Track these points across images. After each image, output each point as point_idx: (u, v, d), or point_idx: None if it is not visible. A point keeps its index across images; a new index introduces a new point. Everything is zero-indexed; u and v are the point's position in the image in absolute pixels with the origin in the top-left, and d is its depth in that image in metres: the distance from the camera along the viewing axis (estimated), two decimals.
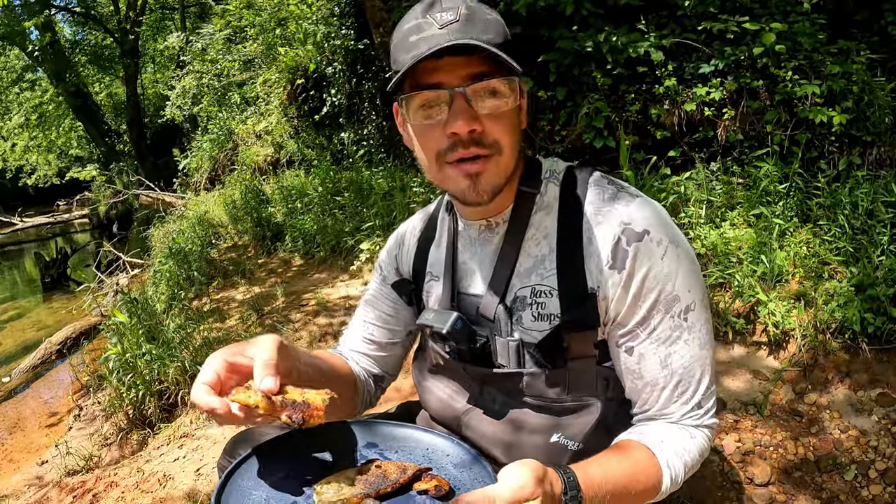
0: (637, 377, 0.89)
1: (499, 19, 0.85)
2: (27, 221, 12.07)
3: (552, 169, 0.96)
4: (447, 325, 0.94)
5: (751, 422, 2.03)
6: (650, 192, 3.14)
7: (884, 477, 1.78)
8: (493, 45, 0.80)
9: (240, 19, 6.87)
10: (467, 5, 0.82)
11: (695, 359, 0.88)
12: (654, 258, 0.85)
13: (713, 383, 0.91)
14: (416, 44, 0.81)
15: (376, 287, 1.17)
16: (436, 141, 0.85)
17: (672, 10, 3.59)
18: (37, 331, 5.87)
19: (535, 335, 0.91)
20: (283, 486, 0.79)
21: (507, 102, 0.83)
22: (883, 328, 2.09)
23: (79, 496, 2.33)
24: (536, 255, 0.92)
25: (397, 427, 0.90)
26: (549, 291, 0.90)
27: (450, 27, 0.80)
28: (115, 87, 16.66)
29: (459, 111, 0.81)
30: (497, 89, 0.82)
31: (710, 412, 0.91)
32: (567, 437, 0.93)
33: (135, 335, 3.18)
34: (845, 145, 2.98)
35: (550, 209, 0.93)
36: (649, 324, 0.87)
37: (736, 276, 2.46)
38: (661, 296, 0.86)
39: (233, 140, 8.18)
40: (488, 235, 0.97)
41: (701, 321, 0.88)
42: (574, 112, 3.77)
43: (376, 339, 1.15)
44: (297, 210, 5.30)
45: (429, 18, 0.81)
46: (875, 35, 3.23)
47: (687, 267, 0.87)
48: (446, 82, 0.81)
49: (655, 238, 0.85)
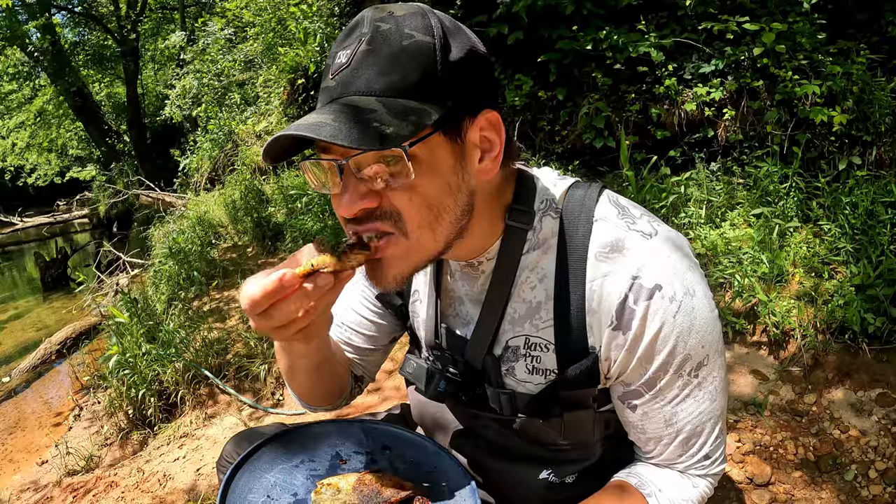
0: (640, 431, 0.84)
1: (425, 42, 0.65)
2: (27, 221, 12.07)
3: (549, 198, 0.81)
4: (430, 391, 0.87)
5: (751, 422, 2.03)
6: (650, 192, 3.14)
7: (884, 477, 1.78)
8: (393, 90, 0.63)
9: (240, 19, 6.88)
10: (374, 32, 0.65)
11: (704, 414, 0.80)
12: (665, 317, 0.74)
13: (724, 432, 0.84)
14: (320, 94, 0.69)
15: (357, 288, 1.02)
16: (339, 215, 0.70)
17: (672, 10, 3.59)
18: (37, 331, 5.87)
19: (530, 387, 0.84)
20: (293, 474, 0.81)
21: (407, 171, 0.64)
22: (883, 328, 2.09)
23: (79, 496, 2.33)
24: (531, 300, 0.81)
25: (417, 439, 0.92)
26: (544, 345, 0.81)
27: (339, 76, 0.65)
28: (116, 87, 16.66)
29: (346, 187, 0.66)
30: (382, 163, 0.64)
31: (718, 461, 0.84)
32: (556, 476, 0.90)
33: (135, 335, 3.18)
34: (845, 145, 2.98)
35: (548, 248, 0.80)
36: (655, 385, 0.78)
37: (736, 276, 2.46)
38: (670, 357, 0.76)
39: (233, 140, 8.18)
40: (472, 272, 0.85)
41: (713, 373, 0.79)
42: (574, 112, 3.77)
43: (354, 343, 1.04)
44: (297, 210, 5.30)
45: (333, 59, 0.68)
46: (875, 35, 3.23)
47: (702, 320, 0.76)
48: (335, 150, 0.66)
49: (668, 294, 0.74)
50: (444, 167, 0.67)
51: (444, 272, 0.90)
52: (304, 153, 0.74)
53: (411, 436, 0.93)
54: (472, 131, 0.69)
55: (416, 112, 0.63)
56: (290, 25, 6.33)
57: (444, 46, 0.66)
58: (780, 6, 3.29)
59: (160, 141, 14.14)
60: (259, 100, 8.12)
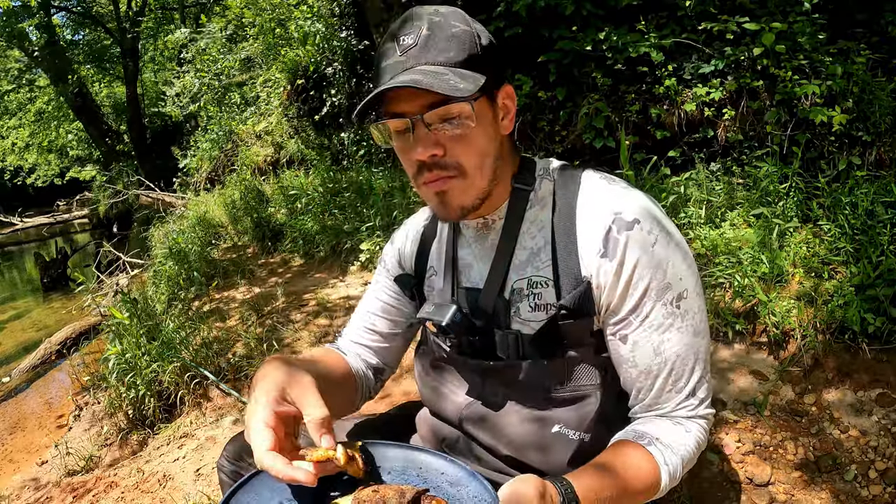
0: (631, 365, 0.91)
1: (466, 31, 0.85)
2: (27, 221, 12.08)
3: (546, 167, 0.99)
4: (446, 318, 0.96)
5: (751, 422, 2.03)
6: (650, 192, 3.14)
7: (884, 477, 1.78)
8: (453, 63, 0.83)
9: (240, 18, 6.88)
10: (430, 23, 0.84)
11: (688, 347, 0.89)
12: (644, 246, 0.87)
13: (708, 372, 0.92)
14: (382, 71, 0.85)
15: (379, 279, 1.19)
16: (409, 164, 0.90)
17: (672, 11, 3.60)
18: (37, 331, 5.88)
19: (533, 325, 0.94)
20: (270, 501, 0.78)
21: (468, 124, 0.85)
22: (883, 328, 2.09)
23: (79, 496, 2.33)
24: (532, 247, 0.95)
25: (388, 447, 0.87)
26: (545, 282, 0.93)
27: (409, 53, 0.83)
28: (116, 87, 16.66)
29: (419, 138, 0.85)
30: (454, 114, 0.84)
31: (705, 402, 0.92)
32: (568, 428, 0.94)
33: (135, 335, 3.18)
34: (845, 145, 2.98)
35: (545, 204, 0.96)
36: (641, 311, 0.88)
37: (736, 276, 2.46)
38: (652, 283, 0.87)
39: (233, 140, 8.18)
40: (485, 233, 0.99)
41: (694, 309, 0.90)
42: (574, 112, 3.77)
43: (378, 328, 1.16)
44: (297, 210, 5.30)
45: (394, 43, 0.85)
46: (875, 35, 3.23)
47: (679, 255, 0.89)
48: (407, 111, 0.84)
49: (646, 227, 0.87)
50: (486, 121, 0.88)
51: (458, 246, 1.05)
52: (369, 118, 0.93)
53: (389, 445, 0.88)
54: (499, 97, 0.90)
55: (473, 78, 0.83)
56: (290, 26, 6.34)
57: (477, 35, 0.86)
58: (780, 6, 3.29)
59: (160, 141, 14.14)
60: (259, 100, 8.13)
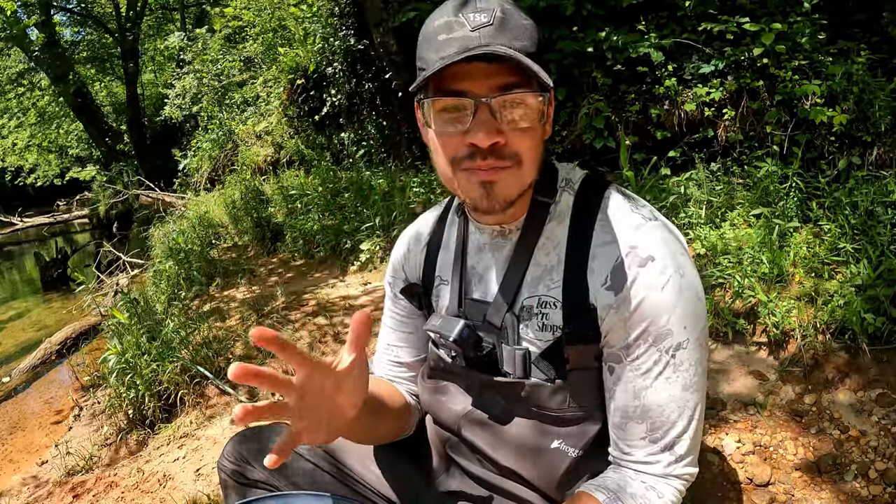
0: (610, 397, 0.88)
1: (533, 25, 0.81)
2: (27, 221, 12.06)
3: (568, 178, 0.93)
4: (454, 333, 0.92)
5: (751, 422, 2.03)
6: (650, 192, 3.14)
7: (884, 477, 1.78)
8: (526, 53, 0.77)
9: (240, 18, 6.88)
10: (503, 7, 0.78)
11: (673, 399, 0.82)
12: (653, 287, 0.80)
13: (694, 430, 0.84)
14: (446, 44, 0.77)
15: (391, 309, 1.14)
16: (454, 147, 0.81)
17: (672, 11, 3.59)
18: (37, 331, 5.87)
19: (540, 345, 0.90)
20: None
21: (535, 116, 0.80)
22: (883, 328, 2.09)
23: (79, 496, 2.33)
24: (545, 264, 0.90)
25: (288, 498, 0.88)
26: (553, 303, 0.89)
27: (482, 31, 0.76)
28: (116, 87, 16.65)
29: (482, 122, 0.77)
30: (525, 103, 0.78)
31: (684, 460, 0.83)
32: (568, 445, 0.92)
33: (135, 335, 3.18)
34: (845, 145, 2.98)
35: (563, 218, 0.90)
36: (632, 352, 0.83)
37: (736, 276, 2.46)
38: (651, 327, 0.81)
39: (233, 140, 8.18)
40: (500, 242, 0.95)
41: (691, 361, 0.82)
42: (574, 112, 3.77)
43: (403, 360, 1.12)
44: (297, 210, 5.30)
45: (461, 18, 0.77)
46: (875, 35, 3.23)
47: (688, 302, 0.81)
48: (472, 90, 0.77)
49: (659, 266, 0.81)
50: (542, 119, 0.83)
51: (468, 254, 1.00)
52: None
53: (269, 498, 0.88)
54: None
55: (547, 69, 0.80)
56: (290, 26, 6.34)
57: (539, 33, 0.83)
58: (780, 6, 3.29)
59: (160, 141, 14.13)
60: (259, 100, 8.13)
